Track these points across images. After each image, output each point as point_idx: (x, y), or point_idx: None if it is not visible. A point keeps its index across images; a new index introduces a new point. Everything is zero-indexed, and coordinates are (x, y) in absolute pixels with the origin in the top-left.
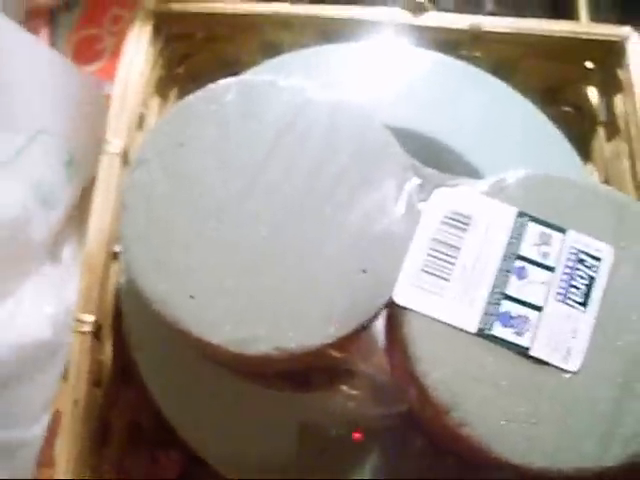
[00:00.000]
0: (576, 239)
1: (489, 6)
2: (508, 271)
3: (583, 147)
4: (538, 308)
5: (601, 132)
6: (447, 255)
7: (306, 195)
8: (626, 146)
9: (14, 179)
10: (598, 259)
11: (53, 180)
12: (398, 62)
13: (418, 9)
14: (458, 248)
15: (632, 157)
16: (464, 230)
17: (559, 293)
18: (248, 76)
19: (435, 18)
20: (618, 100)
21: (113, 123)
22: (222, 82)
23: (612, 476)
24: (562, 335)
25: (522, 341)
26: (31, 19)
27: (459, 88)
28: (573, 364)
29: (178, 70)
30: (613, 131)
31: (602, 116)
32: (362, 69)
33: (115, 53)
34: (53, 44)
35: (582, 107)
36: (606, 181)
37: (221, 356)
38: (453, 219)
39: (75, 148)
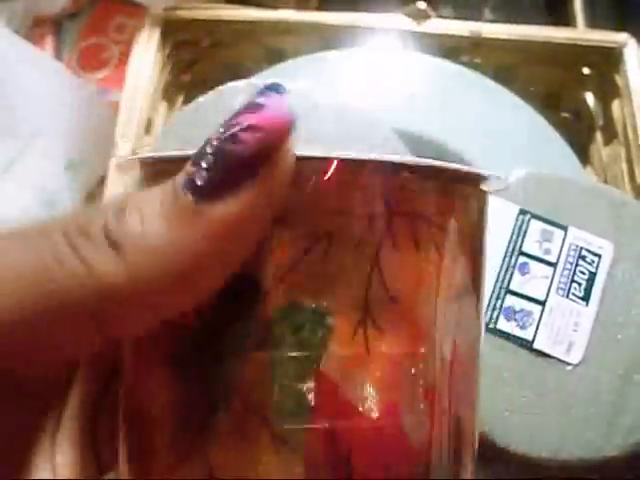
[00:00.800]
0: (577, 236)
1: (487, 14)
2: (511, 267)
3: (581, 151)
4: (541, 302)
5: (599, 137)
6: None
7: None
8: (623, 150)
9: (15, 183)
10: (599, 255)
11: (54, 184)
12: (400, 67)
13: (421, 16)
14: None
15: (629, 161)
16: None
17: (561, 288)
18: (256, 80)
19: (437, 25)
20: (615, 105)
21: (122, 127)
22: (231, 85)
23: (614, 465)
24: (564, 328)
25: (525, 334)
26: (37, 28)
27: (460, 93)
28: (575, 356)
29: (184, 76)
30: (610, 136)
31: (599, 121)
32: (365, 75)
33: (121, 61)
34: (58, 53)
35: (580, 112)
36: (604, 184)
37: None
38: None
39: (75, 153)
